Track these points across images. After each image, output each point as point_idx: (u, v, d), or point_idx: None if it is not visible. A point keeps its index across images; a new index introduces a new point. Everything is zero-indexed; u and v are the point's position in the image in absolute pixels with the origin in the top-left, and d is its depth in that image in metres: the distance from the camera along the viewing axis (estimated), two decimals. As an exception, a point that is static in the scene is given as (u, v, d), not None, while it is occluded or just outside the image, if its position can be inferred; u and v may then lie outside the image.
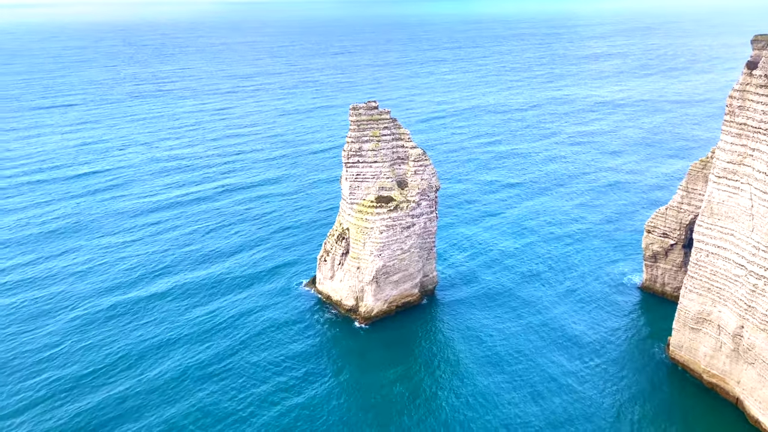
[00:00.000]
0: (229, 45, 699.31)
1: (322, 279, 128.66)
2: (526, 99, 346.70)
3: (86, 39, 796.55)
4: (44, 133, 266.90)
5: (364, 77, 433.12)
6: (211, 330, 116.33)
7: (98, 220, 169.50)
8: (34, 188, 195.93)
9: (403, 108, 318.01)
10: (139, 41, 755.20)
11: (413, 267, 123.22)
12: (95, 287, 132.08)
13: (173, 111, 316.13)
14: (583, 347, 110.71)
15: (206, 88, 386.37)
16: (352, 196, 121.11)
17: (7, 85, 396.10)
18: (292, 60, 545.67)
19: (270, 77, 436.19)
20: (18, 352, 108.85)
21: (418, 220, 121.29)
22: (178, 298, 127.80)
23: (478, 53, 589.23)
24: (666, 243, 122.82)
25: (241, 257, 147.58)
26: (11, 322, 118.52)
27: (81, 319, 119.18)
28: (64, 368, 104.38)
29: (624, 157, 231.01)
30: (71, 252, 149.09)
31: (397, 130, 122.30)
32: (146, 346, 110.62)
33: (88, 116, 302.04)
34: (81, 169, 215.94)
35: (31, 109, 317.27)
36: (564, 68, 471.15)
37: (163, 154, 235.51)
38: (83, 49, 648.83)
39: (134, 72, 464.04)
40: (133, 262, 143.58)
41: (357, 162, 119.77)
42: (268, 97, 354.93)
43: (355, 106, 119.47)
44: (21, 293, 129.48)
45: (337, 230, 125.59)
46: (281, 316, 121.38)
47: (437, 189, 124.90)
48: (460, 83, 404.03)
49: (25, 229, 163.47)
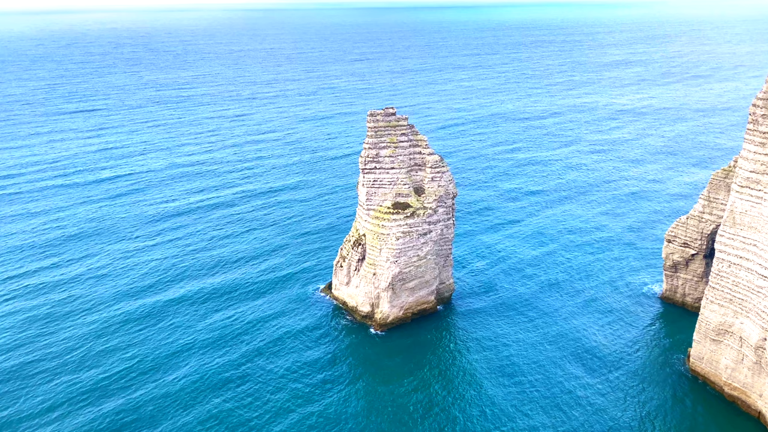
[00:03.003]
0: (247, 51, 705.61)
1: (338, 285, 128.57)
2: (545, 106, 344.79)
3: (108, 45, 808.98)
4: (67, 137, 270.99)
5: (382, 84, 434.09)
6: (227, 335, 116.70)
7: (118, 224, 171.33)
8: (56, 192, 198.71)
9: (422, 114, 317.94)
10: (160, 48, 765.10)
11: (429, 274, 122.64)
12: (115, 291, 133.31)
13: (193, 116, 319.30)
14: (601, 359, 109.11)
15: (226, 94, 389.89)
16: (368, 203, 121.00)
17: (32, 91, 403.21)
18: (311, 66, 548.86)
19: (289, 83, 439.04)
20: (38, 355, 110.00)
21: (435, 227, 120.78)
22: (196, 303, 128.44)
23: (496, 60, 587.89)
24: (687, 253, 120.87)
25: (259, 262, 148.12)
26: (32, 325, 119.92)
27: (100, 323, 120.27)
28: (83, 372, 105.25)
29: (646, 165, 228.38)
30: (92, 256, 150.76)
31: (415, 137, 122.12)
32: (163, 352, 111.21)
33: (110, 121, 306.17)
34: (102, 173, 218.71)
35: (55, 114, 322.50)
36: (584, 75, 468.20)
37: (183, 159, 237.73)
38: (105, 56, 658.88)
39: (155, 78, 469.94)
40: (152, 267, 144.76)
41: (374, 168, 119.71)
42: (287, 104, 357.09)
43: (372, 112, 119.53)
44: (42, 296, 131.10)
45: (354, 236, 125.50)
46: (297, 322, 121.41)
47: (454, 196, 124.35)
48: (479, 90, 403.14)
49: (47, 232, 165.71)
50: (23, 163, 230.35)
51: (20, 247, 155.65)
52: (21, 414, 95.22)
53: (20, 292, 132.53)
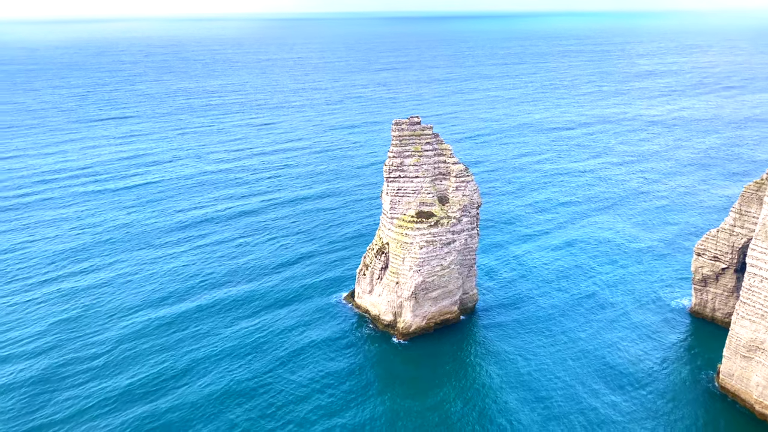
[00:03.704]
0: (275, 61, 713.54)
1: (361, 293, 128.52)
2: (574, 116, 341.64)
3: (139, 54, 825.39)
4: (99, 144, 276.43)
5: (408, 93, 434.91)
6: (251, 344, 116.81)
7: (148, 230, 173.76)
8: (88, 198, 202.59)
9: (448, 124, 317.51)
10: (190, 56, 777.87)
11: (453, 284, 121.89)
12: (143, 297, 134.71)
13: (222, 124, 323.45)
14: (628, 375, 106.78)
15: (253, 103, 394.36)
16: (392, 211, 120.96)
17: (65, 98, 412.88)
18: (337, 75, 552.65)
19: (316, 92, 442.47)
20: (67, 360, 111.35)
21: (459, 236, 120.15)
22: (222, 311, 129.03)
23: (524, 70, 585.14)
24: (717, 267, 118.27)
25: (283, 270, 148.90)
26: (62, 329, 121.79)
27: (128, 329, 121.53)
28: (111, 377, 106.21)
29: (677, 178, 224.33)
30: (121, 262, 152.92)
31: (440, 146, 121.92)
32: (189, 359, 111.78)
33: (140, 129, 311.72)
34: (133, 180, 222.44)
35: (88, 121, 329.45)
36: (613, 86, 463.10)
37: (211, 166, 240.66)
38: (136, 64, 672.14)
39: (185, 86, 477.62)
40: (180, 273, 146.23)
41: (398, 177, 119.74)
42: (313, 112, 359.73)
43: (397, 121, 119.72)
44: (72, 301, 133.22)
45: (377, 244, 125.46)
46: (320, 330, 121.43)
47: (479, 205, 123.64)
48: (506, 100, 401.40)
49: (78, 238, 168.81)
50: (56, 169, 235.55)
51: (53, 252, 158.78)
52: (51, 417, 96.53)
53: (52, 297, 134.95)
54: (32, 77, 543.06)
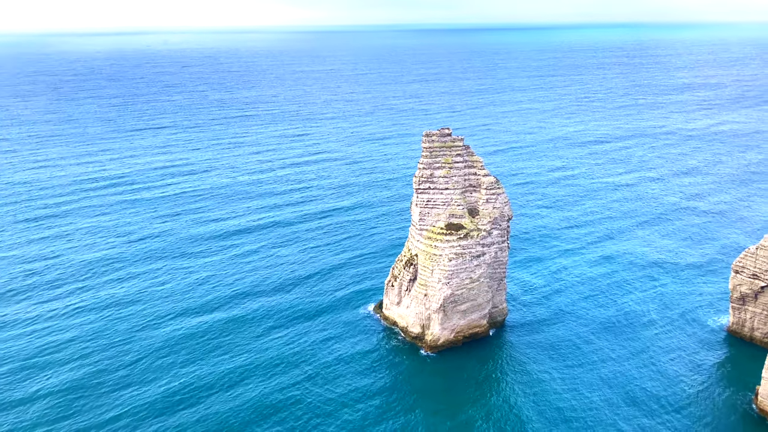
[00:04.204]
0: (308, 72, 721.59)
1: (389, 304, 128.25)
2: (608, 130, 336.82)
3: (176, 65, 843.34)
4: (136, 154, 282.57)
5: (439, 105, 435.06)
6: (279, 356, 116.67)
7: (181, 240, 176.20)
8: (124, 207, 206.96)
9: (480, 136, 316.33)
10: (224, 68, 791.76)
11: (482, 297, 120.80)
12: (175, 307, 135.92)
13: (255, 135, 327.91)
14: (660, 397, 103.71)
15: (286, 114, 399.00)
16: (421, 222, 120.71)
17: (105, 108, 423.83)
18: (369, 87, 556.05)
19: (347, 104, 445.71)
20: (100, 368, 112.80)
21: (489, 249, 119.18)
22: (253, 322, 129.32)
23: (557, 82, 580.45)
24: (756, 285, 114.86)
25: (313, 280, 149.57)
26: (96, 337, 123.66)
27: (159, 339, 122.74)
28: (139, 387, 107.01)
29: (717, 194, 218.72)
30: (155, 271, 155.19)
31: (470, 158, 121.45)
32: (217, 371, 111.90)
33: (176, 139, 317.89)
34: (167, 190, 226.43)
35: (126, 131, 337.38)
36: (649, 98, 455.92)
37: (244, 177, 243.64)
38: (173, 75, 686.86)
39: (219, 97, 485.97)
40: (212, 284, 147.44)
41: (428, 188, 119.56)
42: (345, 124, 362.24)
43: (428, 132, 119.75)
44: (106, 309, 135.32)
45: (406, 256, 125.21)
46: (348, 342, 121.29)
47: (510, 218, 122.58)
48: (539, 112, 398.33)
49: (114, 246, 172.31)
50: (95, 178, 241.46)
51: (90, 260, 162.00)
52: (87, 426, 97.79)
53: (88, 304, 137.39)
54: (75, 87, 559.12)
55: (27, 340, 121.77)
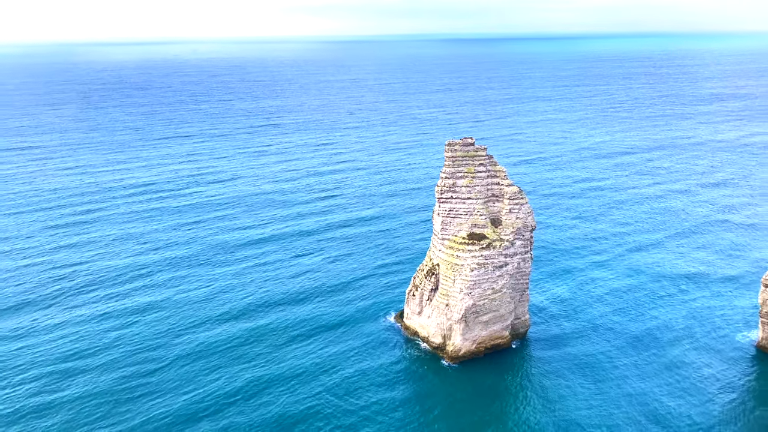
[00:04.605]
0: (332, 82, 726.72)
1: (410, 314, 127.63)
2: (636, 141, 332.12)
3: (203, 75, 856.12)
4: (163, 162, 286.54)
5: (463, 114, 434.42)
6: (301, 365, 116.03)
7: (206, 249, 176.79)
8: (151, 214, 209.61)
9: (504, 146, 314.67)
10: (250, 77, 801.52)
11: (504, 308, 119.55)
12: (198, 316, 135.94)
13: (280, 144, 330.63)
14: (685, 416, 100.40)
15: (310, 123, 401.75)
16: (443, 232, 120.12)
17: (133, 117, 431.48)
18: (392, 96, 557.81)
19: (371, 113, 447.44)
20: (124, 376, 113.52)
21: (512, 259, 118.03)
22: (274, 332, 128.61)
23: (583, 92, 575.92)
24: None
25: (334, 289, 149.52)
26: (122, 345, 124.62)
27: (182, 348, 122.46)
28: (163, 396, 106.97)
29: (748, 207, 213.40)
30: (179, 279, 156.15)
31: (493, 168, 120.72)
32: (240, 381, 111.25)
33: (202, 147, 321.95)
34: (193, 198, 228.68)
35: (153, 140, 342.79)
36: (677, 109, 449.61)
37: (269, 186, 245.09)
38: (200, 84, 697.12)
39: (245, 106, 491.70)
40: (235, 293, 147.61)
41: (450, 197, 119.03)
42: (369, 133, 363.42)
43: (451, 142, 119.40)
44: (132, 317, 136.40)
45: (427, 265, 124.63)
46: (369, 352, 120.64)
47: (533, 229, 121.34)
48: (565, 122, 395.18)
49: (140, 254, 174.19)
50: (123, 185, 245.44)
51: (117, 267, 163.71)
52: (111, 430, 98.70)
53: (114, 312, 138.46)
54: (104, 96, 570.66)
55: (54, 346, 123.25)
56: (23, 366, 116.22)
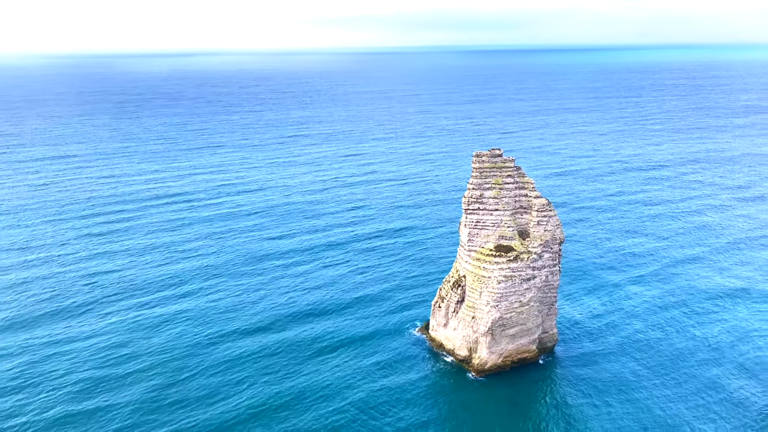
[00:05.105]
0: (360, 93, 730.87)
1: (436, 326, 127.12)
2: (668, 154, 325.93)
3: (234, 86, 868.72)
4: (195, 172, 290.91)
5: (492, 125, 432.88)
6: (326, 378, 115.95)
7: (235, 259, 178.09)
8: (183, 224, 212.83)
9: (532, 158, 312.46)
10: (280, 88, 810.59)
11: (532, 322, 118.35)
12: (226, 327, 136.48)
13: (308, 155, 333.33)
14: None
15: (339, 134, 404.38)
16: (470, 243, 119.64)
17: (166, 127, 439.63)
18: (421, 107, 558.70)
19: (400, 124, 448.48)
20: (155, 384, 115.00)
21: (540, 272, 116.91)
22: (301, 344, 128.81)
23: (614, 104, 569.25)
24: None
25: (361, 301, 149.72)
26: (153, 355, 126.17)
27: (208, 359, 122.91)
28: (191, 406, 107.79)
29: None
30: (208, 289, 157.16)
31: (521, 179, 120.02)
32: (265, 395, 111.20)
33: (232, 158, 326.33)
34: (223, 208, 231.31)
35: (186, 150, 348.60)
36: (712, 121, 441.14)
37: (297, 197, 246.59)
38: (231, 95, 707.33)
39: (275, 117, 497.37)
40: (263, 305, 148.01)
41: (477, 209, 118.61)
42: (397, 144, 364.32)
43: (478, 153, 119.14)
44: (162, 326, 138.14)
45: (454, 277, 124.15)
46: (394, 365, 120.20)
47: (562, 241, 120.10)
48: (596, 135, 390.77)
49: (169, 264, 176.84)
50: (156, 195, 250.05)
51: (147, 277, 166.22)
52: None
53: (146, 321, 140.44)
54: (137, 107, 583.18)
55: (87, 354, 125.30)
56: (57, 372, 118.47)
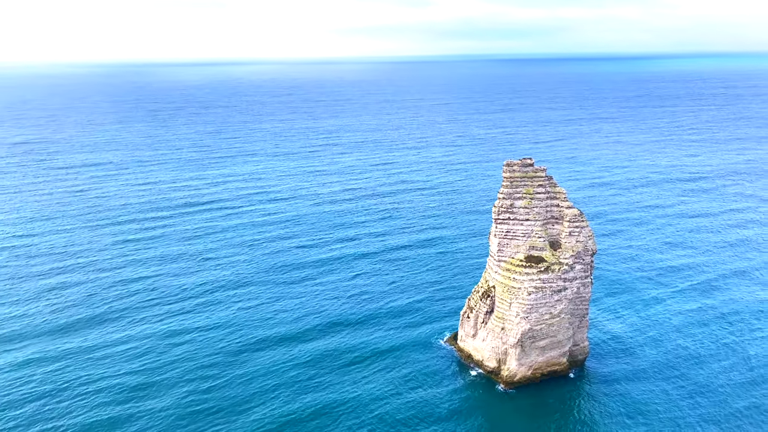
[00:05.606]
0: (392, 101, 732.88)
1: (464, 336, 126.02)
2: (709, 165, 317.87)
3: (266, 95, 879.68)
4: (228, 180, 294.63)
5: (524, 135, 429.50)
6: (353, 390, 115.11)
7: (266, 268, 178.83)
8: (215, 231, 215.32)
9: (565, 168, 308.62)
10: (311, 97, 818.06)
11: (562, 334, 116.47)
12: (258, 336, 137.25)
13: (339, 164, 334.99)
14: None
15: (369, 142, 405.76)
16: (500, 254, 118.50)
17: (200, 135, 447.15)
18: (453, 116, 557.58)
19: (431, 132, 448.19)
20: (188, 391, 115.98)
21: (571, 284, 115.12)
22: (333, 354, 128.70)
23: (648, 113, 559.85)
24: None
25: (390, 311, 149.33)
26: (184, 362, 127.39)
27: (243, 368, 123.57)
28: (220, 418, 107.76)
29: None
30: (239, 297, 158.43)
31: (553, 189, 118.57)
32: (294, 406, 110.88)
33: (264, 166, 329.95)
34: (255, 216, 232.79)
35: (219, 158, 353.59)
36: (752, 131, 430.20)
37: (328, 207, 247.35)
38: (264, 105, 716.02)
39: (306, 125, 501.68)
40: (294, 314, 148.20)
41: (507, 219, 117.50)
42: (428, 153, 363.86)
43: (509, 162, 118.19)
44: (195, 334, 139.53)
45: (483, 287, 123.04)
46: (423, 376, 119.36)
47: (594, 253, 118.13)
48: (629, 145, 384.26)
49: (201, 271, 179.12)
50: (189, 202, 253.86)
51: (180, 284, 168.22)
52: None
53: (178, 328, 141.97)
54: (171, 114, 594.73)
55: (121, 360, 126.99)
56: (92, 377, 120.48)
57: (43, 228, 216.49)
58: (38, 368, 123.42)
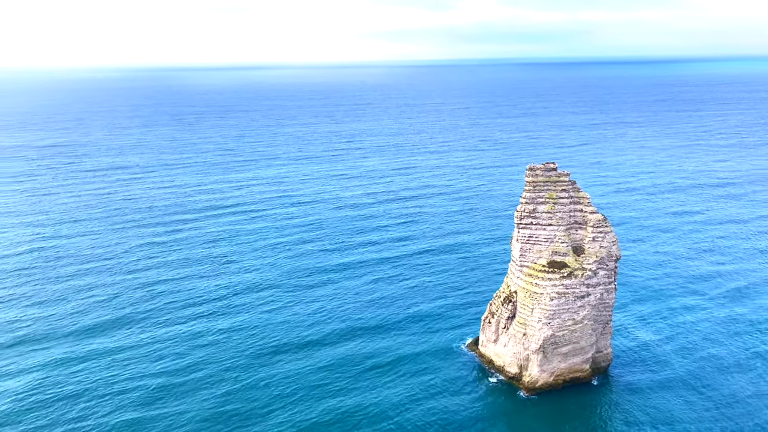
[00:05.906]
0: (412, 105, 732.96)
1: (485, 342, 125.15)
2: (738, 170, 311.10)
3: (288, 99, 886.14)
4: (251, 183, 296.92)
5: (547, 139, 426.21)
6: (373, 396, 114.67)
7: (288, 271, 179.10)
8: (238, 234, 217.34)
9: (589, 173, 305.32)
10: (332, 101, 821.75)
11: (585, 340, 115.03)
12: (279, 340, 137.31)
13: (361, 168, 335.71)
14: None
15: (391, 146, 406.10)
16: (522, 259, 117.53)
17: (224, 139, 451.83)
18: (475, 120, 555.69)
19: (453, 136, 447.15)
20: (205, 397, 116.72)
21: (594, 290, 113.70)
22: (353, 360, 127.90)
23: (674, 117, 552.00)
24: None
25: (410, 314, 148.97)
26: (205, 366, 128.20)
27: (260, 373, 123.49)
28: (241, 423, 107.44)
29: None
30: (261, 301, 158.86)
31: (576, 194, 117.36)
32: (316, 412, 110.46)
33: (286, 169, 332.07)
34: (278, 220, 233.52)
35: (243, 162, 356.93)
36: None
37: (350, 210, 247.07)
38: (285, 109, 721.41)
39: (328, 130, 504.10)
40: (315, 319, 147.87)
41: (530, 224, 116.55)
42: (450, 157, 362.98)
43: (532, 166, 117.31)
44: (218, 336, 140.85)
45: (504, 292, 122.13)
46: (443, 383, 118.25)
47: (618, 258, 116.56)
48: (655, 150, 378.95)
49: (224, 275, 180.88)
50: (212, 206, 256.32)
51: (203, 287, 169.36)
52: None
53: (200, 331, 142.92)
54: (197, 118, 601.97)
55: (145, 363, 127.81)
56: (117, 379, 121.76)
57: (70, 230, 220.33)
58: (64, 369, 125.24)
